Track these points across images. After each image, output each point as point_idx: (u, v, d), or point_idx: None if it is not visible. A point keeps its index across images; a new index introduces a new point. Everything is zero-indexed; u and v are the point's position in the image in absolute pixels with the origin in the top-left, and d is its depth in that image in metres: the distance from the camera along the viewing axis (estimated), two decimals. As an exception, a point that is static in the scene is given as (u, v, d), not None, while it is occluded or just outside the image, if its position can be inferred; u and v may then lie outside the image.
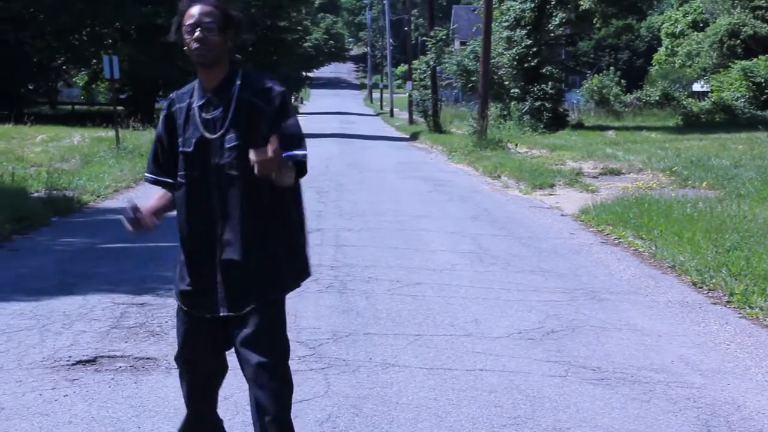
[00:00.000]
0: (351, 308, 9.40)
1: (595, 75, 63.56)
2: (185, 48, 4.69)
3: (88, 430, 5.95)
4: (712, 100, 53.00)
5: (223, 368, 5.25)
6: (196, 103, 4.78)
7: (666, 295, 10.27)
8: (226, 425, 5.74)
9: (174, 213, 4.90)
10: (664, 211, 15.09)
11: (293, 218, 4.91)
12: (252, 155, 4.27)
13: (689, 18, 77.50)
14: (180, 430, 5.32)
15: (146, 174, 4.99)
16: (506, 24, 45.86)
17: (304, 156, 4.69)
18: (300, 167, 4.68)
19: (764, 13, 59.11)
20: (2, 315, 8.90)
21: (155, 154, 4.92)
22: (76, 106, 64.05)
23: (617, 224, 14.74)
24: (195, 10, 4.64)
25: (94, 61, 51.72)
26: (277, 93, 4.75)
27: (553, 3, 45.42)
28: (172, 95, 4.93)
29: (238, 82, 4.76)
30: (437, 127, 49.68)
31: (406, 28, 68.74)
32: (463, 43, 56.98)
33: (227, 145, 4.68)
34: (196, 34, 4.61)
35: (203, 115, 4.75)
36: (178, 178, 4.82)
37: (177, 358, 5.11)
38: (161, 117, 4.91)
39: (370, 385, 6.93)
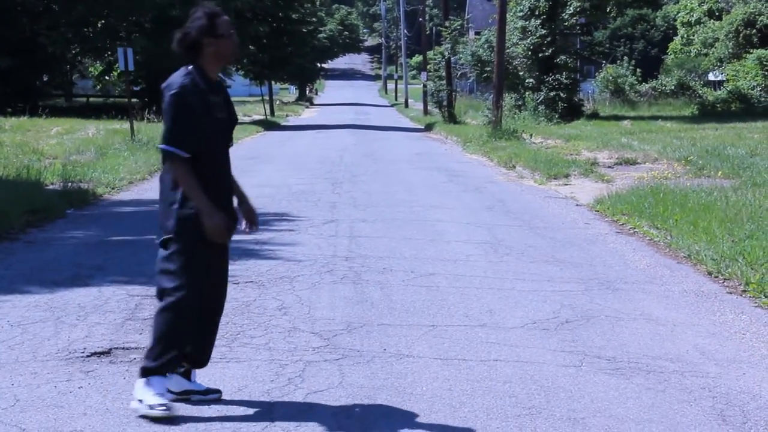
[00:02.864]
0: (365, 299, 9.39)
1: (610, 65, 63.41)
2: (221, 46, 6.03)
3: (103, 422, 5.95)
4: (728, 89, 52.83)
5: None
6: (209, 91, 6.05)
7: (681, 284, 10.24)
8: (239, 416, 5.76)
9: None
10: (679, 200, 15.05)
11: None
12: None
13: (705, 6, 77.16)
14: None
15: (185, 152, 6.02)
16: (521, 14, 45.80)
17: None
18: None
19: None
20: (17, 307, 8.93)
21: (195, 131, 6.02)
22: (91, 99, 64.19)
23: (632, 214, 14.70)
24: (227, 20, 6.09)
25: (109, 53, 51.83)
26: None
27: (567, -8, 45.35)
28: (189, 82, 6.01)
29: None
30: (452, 118, 49.63)
31: (420, 19, 68.73)
32: (477, 34, 56.84)
33: (227, 123, 6.26)
34: (235, 39, 6.14)
35: (215, 98, 6.09)
36: (207, 149, 6.04)
37: (194, 294, 6.03)
38: (193, 99, 5.98)
39: (385, 376, 6.92)
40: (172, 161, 5.99)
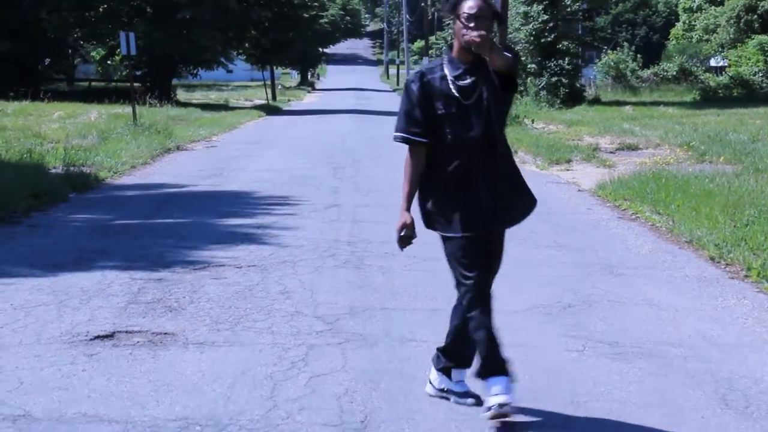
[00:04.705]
0: (368, 283, 9.40)
1: (612, 50, 63.31)
2: (456, 28, 5.57)
3: (107, 405, 5.97)
4: (730, 74, 52.74)
5: None
6: (452, 74, 5.68)
7: (683, 269, 10.25)
8: (243, 399, 5.77)
9: None
10: (681, 186, 15.04)
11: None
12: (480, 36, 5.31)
13: (707, -8, 76.92)
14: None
15: (403, 134, 5.82)
16: (523, -1, 45.73)
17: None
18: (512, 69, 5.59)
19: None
20: (20, 290, 8.94)
21: (412, 118, 5.75)
22: (93, 83, 64.03)
23: (634, 199, 14.70)
24: (476, 3, 5.50)
25: (110, 37, 51.71)
26: None
27: (569, -22, 45.30)
28: (422, 69, 5.85)
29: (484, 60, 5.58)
30: (454, 103, 49.55)
31: (422, 4, 68.60)
32: (479, 19, 56.57)
33: (485, 106, 5.64)
34: (474, 24, 5.44)
35: (458, 83, 5.67)
36: (445, 135, 5.70)
37: (466, 280, 6.28)
38: (416, 86, 5.74)
39: (388, 360, 6.94)
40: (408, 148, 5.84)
